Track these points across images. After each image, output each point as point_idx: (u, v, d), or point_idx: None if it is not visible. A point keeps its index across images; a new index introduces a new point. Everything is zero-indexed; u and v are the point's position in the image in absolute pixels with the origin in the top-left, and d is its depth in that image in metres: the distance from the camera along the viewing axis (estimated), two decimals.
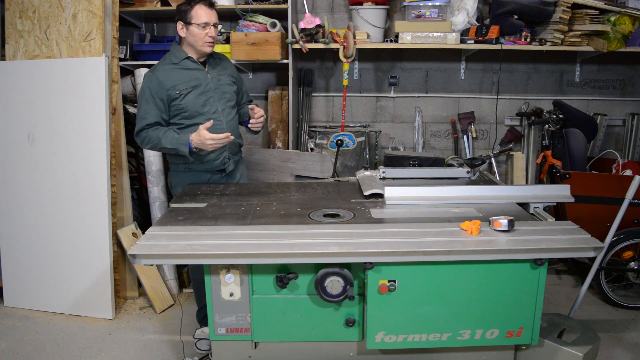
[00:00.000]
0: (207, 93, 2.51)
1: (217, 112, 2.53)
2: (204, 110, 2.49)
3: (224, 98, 2.57)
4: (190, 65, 2.50)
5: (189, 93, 2.46)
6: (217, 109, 2.53)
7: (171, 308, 3.20)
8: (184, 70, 2.48)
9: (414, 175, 2.59)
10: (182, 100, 2.45)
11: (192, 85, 2.47)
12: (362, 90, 4.04)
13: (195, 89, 2.47)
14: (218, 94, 2.54)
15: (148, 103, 2.43)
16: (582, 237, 1.75)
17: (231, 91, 2.61)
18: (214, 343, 1.93)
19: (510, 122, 4.00)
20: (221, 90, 2.56)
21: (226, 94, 2.58)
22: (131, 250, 1.67)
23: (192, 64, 2.50)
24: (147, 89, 2.43)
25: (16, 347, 2.75)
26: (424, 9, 3.44)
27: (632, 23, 3.40)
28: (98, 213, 3.01)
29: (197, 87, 2.48)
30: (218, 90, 2.55)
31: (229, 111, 2.58)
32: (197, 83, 2.49)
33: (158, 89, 2.42)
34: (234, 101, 2.62)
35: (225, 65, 2.66)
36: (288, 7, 3.47)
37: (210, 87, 2.52)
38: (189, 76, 2.48)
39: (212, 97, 2.52)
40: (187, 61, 2.50)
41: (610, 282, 3.16)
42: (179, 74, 2.47)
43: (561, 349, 1.95)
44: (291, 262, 1.75)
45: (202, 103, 2.49)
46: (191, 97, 2.46)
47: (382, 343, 1.81)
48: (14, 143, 3.09)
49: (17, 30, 3.13)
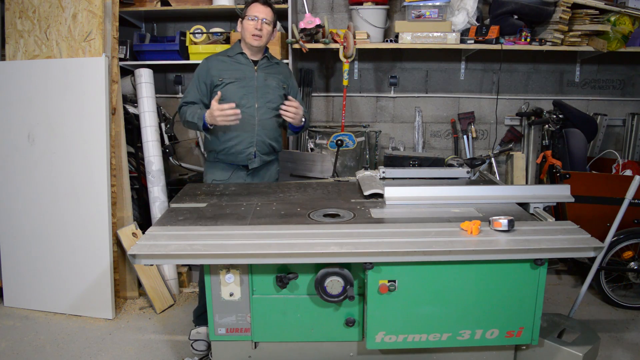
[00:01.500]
0: (249, 88, 2.63)
1: (252, 108, 2.63)
2: (241, 102, 2.60)
3: (265, 97, 2.66)
4: (241, 60, 2.67)
5: (231, 83, 2.62)
6: (253, 105, 2.63)
7: (171, 308, 3.20)
8: (235, 63, 2.66)
9: (414, 175, 2.58)
10: (222, 88, 2.60)
11: (236, 77, 2.63)
12: (362, 90, 4.05)
13: (239, 81, 2.63)
14: (260, 92, 2.65)
15: (193, 84, 2.67)
16: (582, 237, 1.75)
17: (276, 94, 2.69)
18: (214, 343, 1.93)
19: (510, 122, 4.00)
20: (264, 90, 2.66)
21: (268, 94, 2.67)
22: (131, 250, 1.67)
23: (243, 59, 2.67)
24: (197, 71, 2.67)
25: (16, 347, 2.75)
26: (424, 9, 3.44)
27: (632, 23, 3.40)
28: (98, 213, 3.01)
29: (240, 80, 2.63)
30: (261, 89, 2.65)
31: (267, 111, 2.66)
32: (242, 76, 2.64)
33: (205, 73, 2.64)
34: (276, 104, 2.68)
35: (280, 71, 2.76)
36: (288, 7, 3.47)
37: (254, 83, 2.64)
38: (236, 69, 2.65)
39: (252, 93, 2.64)
40: (240, 56, 2.67)
41: (610, 282, 3.16)
42: (229, 65, 2.65)
43: (561, 349, 1.95)
44: (291, 262, 1.75)
45: (240, 95, 2.61)
46: (232, 87, 2.62)
47: (382, 343, 1.81)
48: (13, 143, 3.09)
49: (17, 30, 3.13)
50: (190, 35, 3.59)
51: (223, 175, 2.72)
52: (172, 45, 3.61)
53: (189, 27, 3.63)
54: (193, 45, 3.61)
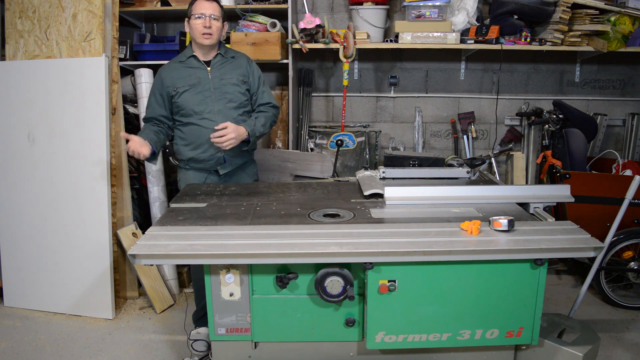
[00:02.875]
0: (205, 92, 2.53)
1: (212, 112, 2.53)
2: (199, 109, 2.52)
3: (224, 98, 2.55)
4: (193, 64, 2.56)
5: (186, 91, 2.52)
6: (212, 109, 2.53)
7: (171, 308, 3.20)
8: (187, 69, 2.55)
9: (414, 175, 2.58)
10: (179, 98, 2.52)
11: (190, 84, 2.52)
12: (362, 90, 4.04)
13: (193, 87, 2.52)
14: (217, 94, 2.54)
15: (151, 97, 2.60)
16: (582, 237, 1.74)
17: (235, 92, 2.58)
18: (214, 343, 1.93)
19: (510, 122, 4.00)
20: (222, 91, 2.55)
21: (227, 94, 2.56)
22: (131, 250, 1.67)
23: (195, 63, 2.56)
24: (153, 85, 2.61)
25: (16, 347, 2.75)
26: (424, 9, 3.44)
27: (632, 23, 3.40)
28: (98, 213, 3.01)
29: (195, 86, 2.52)
30: (218, 90, 2.54)
31: (228, 112, 2.56)
32: (196, 82, 2.53)
33: (160, 85, 2.56)
34: (238, 102, 2.58)
35: (238, 64, 2.62)
36: (288, 7, 3.47)
37: (209, 86, 2.53)
38: (189, 74, 2.54)
39: (210, 96, 2.53)
40: (192, 60, 2.57)
41: (610, 282, 3.16)
42: (182, 72, 2.55)
43: (561, 349, 1.95)
44: (291, 262, 1.74)
45: (197, 102, 2.52)
46: (187, 95, 2.52)
47: (382, 343, 1.81)
48: (13, 143, 3.09)
49: (17, 30, 3.13)
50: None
51: (197, 180, 2.62)
52: (172, 45, 3.61)
53: None
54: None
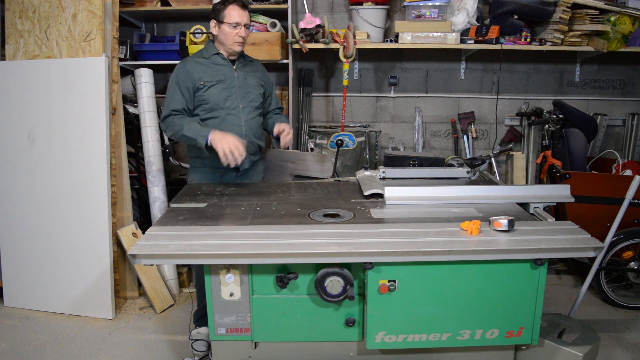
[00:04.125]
0: (231, 89, 2.59)
1: (237, 109, 2.60)
2: (225, 104, 2.57)
3: (248, 97, 2.63)
4: (219, 61, 2.60)
5: (213, 86, 2.56)
6: (237, 106, 2.60)
7: (171, 308, 3.20)
8: (213, 65, 2.59)
9: (414, 175, 2.58)
10: (205, 92, 2.54)
11: (217, 79, 2.57)
12: (362, 90, 4.04)
13: (220, 83, 2.57)
14: (242, 92, 2.62)
15: (175, 90, 2.53)
16: (582, 237, 1.75)
17: (257, 92, 2.67)
18: (214, 343, 1.93)
19: (510, 122, 4.00)
20: (246, 90, 2.63)
21: (250, 94, 2.64)
22: (131, 250, 1.67)
23: (221, 60, 2.60)
24: (175, 77, 2.54)
25: (16, 347, 2.75)
26: (424, 9, 3.44)
27: (632, 23, 3.41)
28: (98, 213, 3.01)
29: (222, 82, 2.57)
30: (243, 88, 2.62)
31: (250, 111, 2.64)
32: (223, 78, 2.58)
33: (185, 78, 2.52)
34: (258, 102, 2.68)
35: (256, 68, 2.73)
36: (288, 7, 3.47)
37: (235, 84, 2.60)
38: (216, 70, 2.58)
39: (235, 93, 2.60)
40: (217, 57, 2.60)
41: (610, 282, 3.16)
42: (207, 67, 2.57)
43: (561, 349, 1.95)
44: (291, 262, 1.74)
45: (224, 98, 2.57)
46: (215, 90, 2.56)
47: (382, 343, 1.81)
48: (13, 143, 3.09)
49: (17, 30, 3.13)
50: (190, 35, 3.59)
51: (213, 179, 2.64)
52: (172, 45, 3.61)
53: (189, 27, 3.63)
54: (193, 45, 3.60)
